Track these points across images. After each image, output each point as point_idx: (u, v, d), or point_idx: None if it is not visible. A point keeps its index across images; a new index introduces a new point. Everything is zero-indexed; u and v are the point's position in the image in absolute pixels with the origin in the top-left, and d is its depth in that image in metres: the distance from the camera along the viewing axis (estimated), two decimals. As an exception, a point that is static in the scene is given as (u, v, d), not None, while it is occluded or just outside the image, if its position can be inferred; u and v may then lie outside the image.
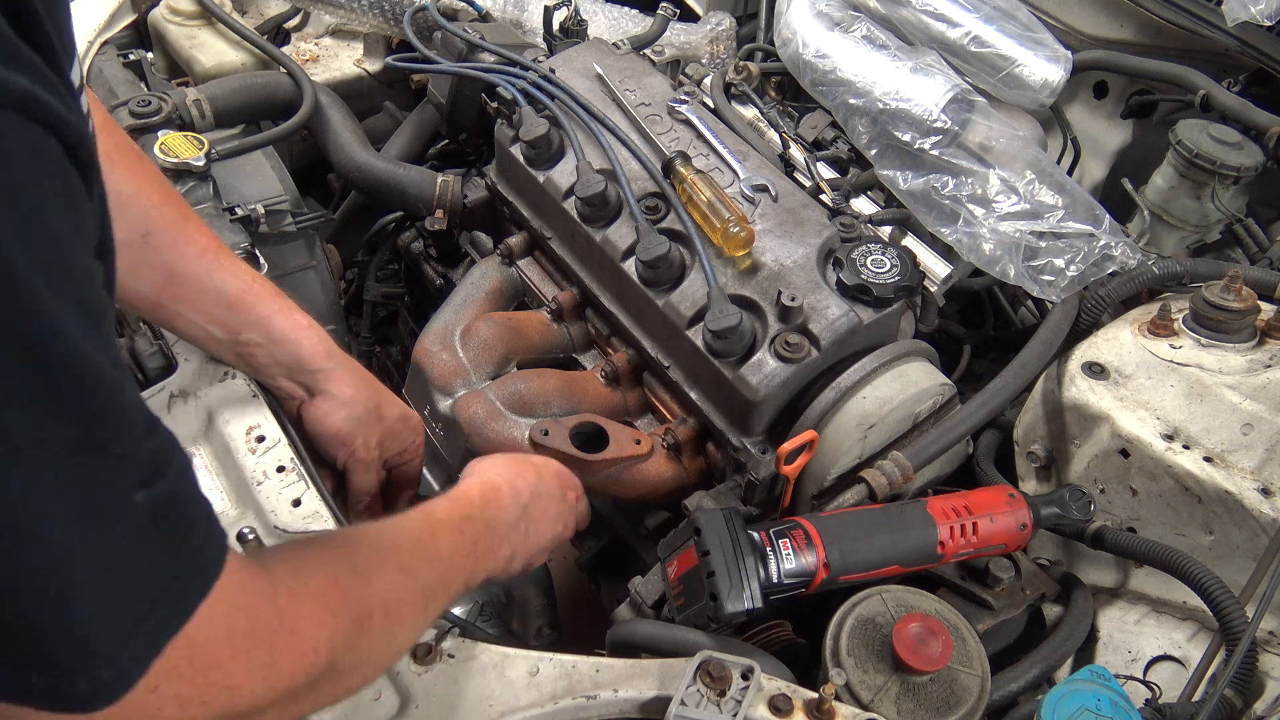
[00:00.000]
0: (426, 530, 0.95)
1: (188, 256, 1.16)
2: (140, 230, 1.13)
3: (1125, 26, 1.83)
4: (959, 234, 1.50)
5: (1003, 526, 1.22)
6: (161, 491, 0.61)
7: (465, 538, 0.99)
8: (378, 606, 0.81)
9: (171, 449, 0.64)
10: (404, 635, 0.89)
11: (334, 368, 1.24)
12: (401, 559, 0.88)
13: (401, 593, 0.86)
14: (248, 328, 1.21)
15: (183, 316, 1.20)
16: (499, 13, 2.01)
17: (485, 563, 1.03)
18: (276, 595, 0.72)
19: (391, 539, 0.90)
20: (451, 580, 0.96)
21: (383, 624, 0.82)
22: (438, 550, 0.94)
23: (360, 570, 0.82)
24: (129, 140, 1.19)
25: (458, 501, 1.04)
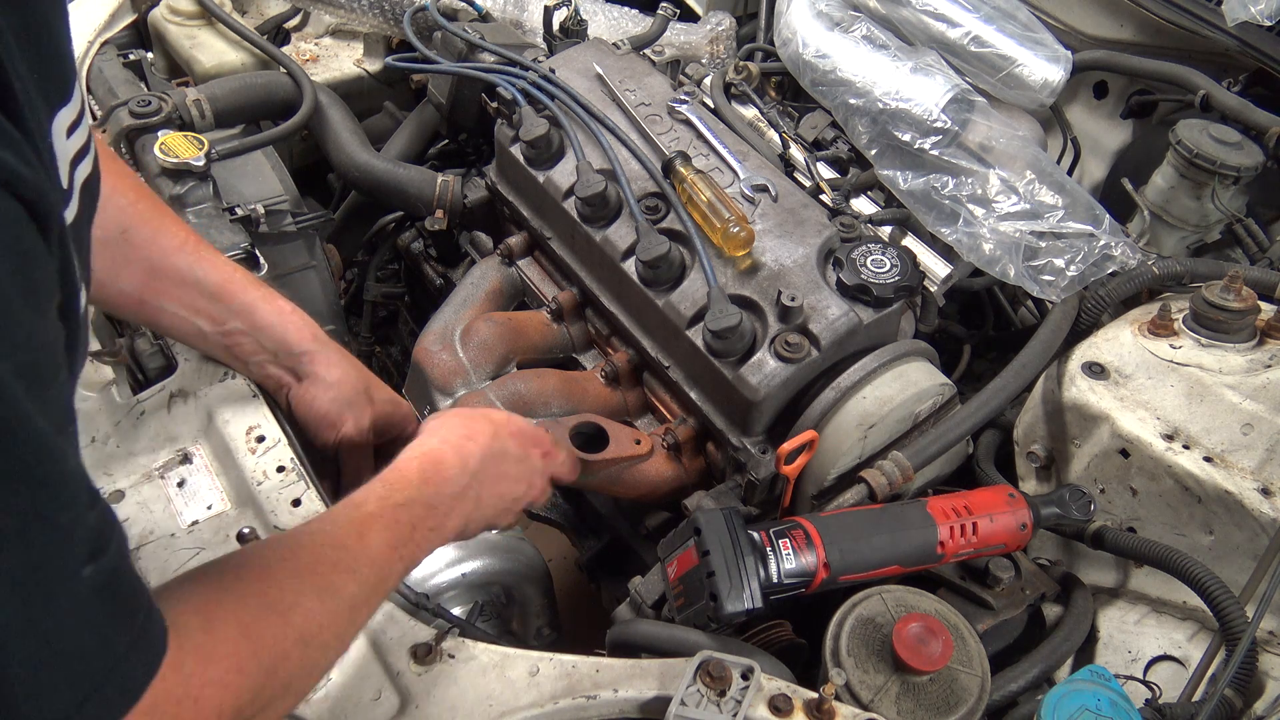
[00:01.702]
0: (354, 533, 0.89)
1: (167, 250, 1.17)
2: (118, 227, 1.13)
3: (1125, 26, 1.83)
4: (959, 234, 1.50)
5: (1003, 526, 1.22)
6: (107, 565, 0.59)
7: (400, 528, 0.93)
8: (294, 645, 0.77)
9: (113, 520, 0.61)
10: (326, 659, 0.85)
11: (320, 350, 1.24)
12: (323, 578, 0.83)
13: (322, 617, 0.81)
14: (232, 316, 1.21)
15: (166, 311, 1.20)
16: (499, 13, 2.01)
17: (429, 542, 0.98)
18: (184, 662, 0.68)
19: (312, 556, 0.85)
20: (386, 576, 0.91)
21: (299, 660, 0.78)
22: (366, 553, 0.88)
23: (275, 607, 0.77)
24: (101, 140, 1.19)
25: (392, 486, 0.98)
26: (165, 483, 1.24)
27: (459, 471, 1.04)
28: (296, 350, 1.23)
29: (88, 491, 0.59)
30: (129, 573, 0.63)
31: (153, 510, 1.22)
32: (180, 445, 1.28)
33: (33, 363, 0.54)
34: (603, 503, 1.70)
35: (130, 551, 0.64)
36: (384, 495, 0.96)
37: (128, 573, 0.63)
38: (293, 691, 0.80)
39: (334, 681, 1.07)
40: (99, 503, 0.60)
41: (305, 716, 1.04)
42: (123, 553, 0.62)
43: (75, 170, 0.68)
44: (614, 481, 1.43)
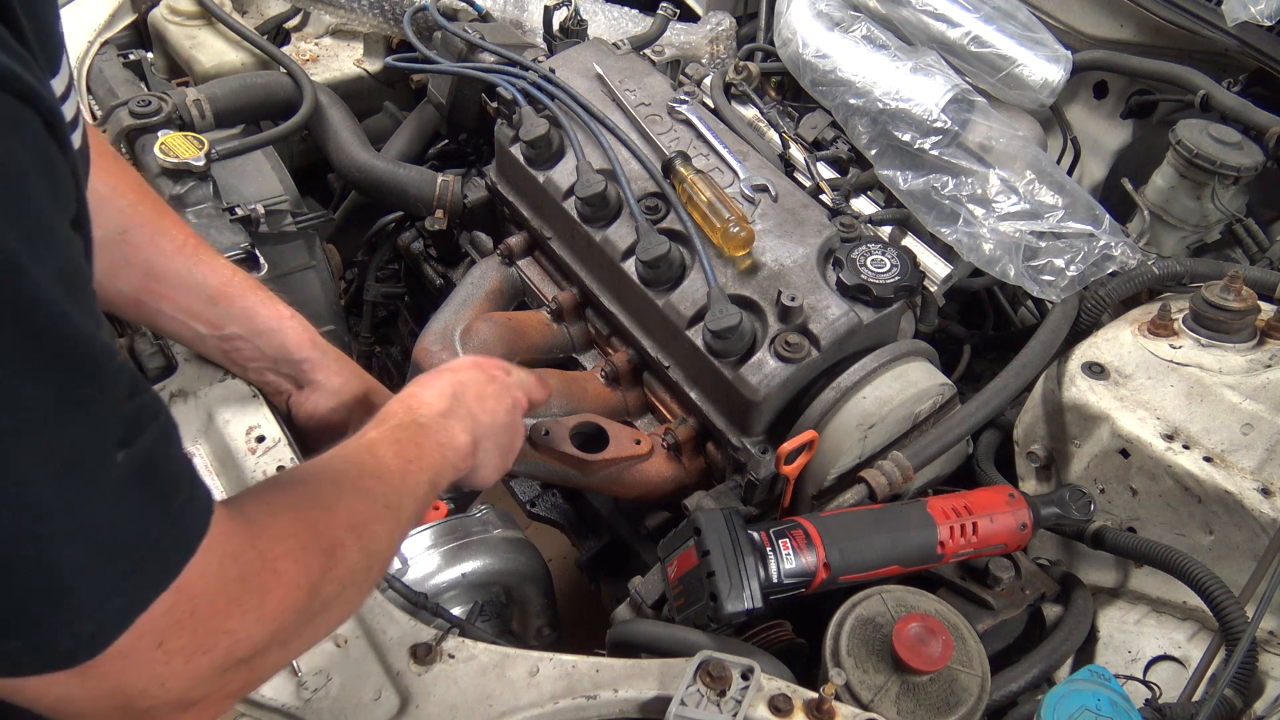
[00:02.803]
0: (365, 451, 0.96)
1: (166, 252, 1.16)
2: (117, 228, 1.13)
3: (1125, 26, 1.83)
4: (959, 234, 1.50)
5: (1003, 526, 1.22)
6: (141, 451, 0.62)
7: (405, 445, 0.99)
8: (347, 533, 0.83)
9: (154, 410, 0.65)
10: (381, 550, 0.91)
11: (320, 357, 1.24)
12: (354, 482, 0.90)
13: (365, 513, 0.87)
14: (231, 321, 1.21)
15: (164, 314, 1.19)
16: (499, 13, 2.01)
17: (440, 456, 1.03)
18: (257, 539, 0.73)
19: (338, 468, 0.91)
20: (413, 485, 0.96)
21: (356, 547, 0.83)
22: (382, 465, 0.95)
23: (322, 503, 0.84)
24: (103, 140, 1.20)
25: (381, 419, 1.04)
26: (165, 483, 1.24)
27: (436, 396, 1.09)
28: (296, 357, 1.23)
29: (128, 384, 0.62)
30: (166, 459, 0.66)
31: (153, 510, 1.21)
32: (180, 445, 1.28)
33: (70, 266, 0.58)
34: (603, 503, 1.70)
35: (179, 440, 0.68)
36: (378, 424, 1.02)
37: (165, 459, 0.66)
38: (354, 581, 0.85)
39: (334, 681, 1.07)
40: (140, 395, 0.64)
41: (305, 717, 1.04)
42: (162, 441, 0.65)
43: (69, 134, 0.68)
44: (614, 481, 1.43)
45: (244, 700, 1.05)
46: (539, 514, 1.78)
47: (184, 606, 0.65)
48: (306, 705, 1.05)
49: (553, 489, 1.79)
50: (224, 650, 0.69)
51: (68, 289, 0.57)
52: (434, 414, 1.06)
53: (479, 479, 1.15)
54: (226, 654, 0.70)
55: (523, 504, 1.79)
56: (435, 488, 1.01)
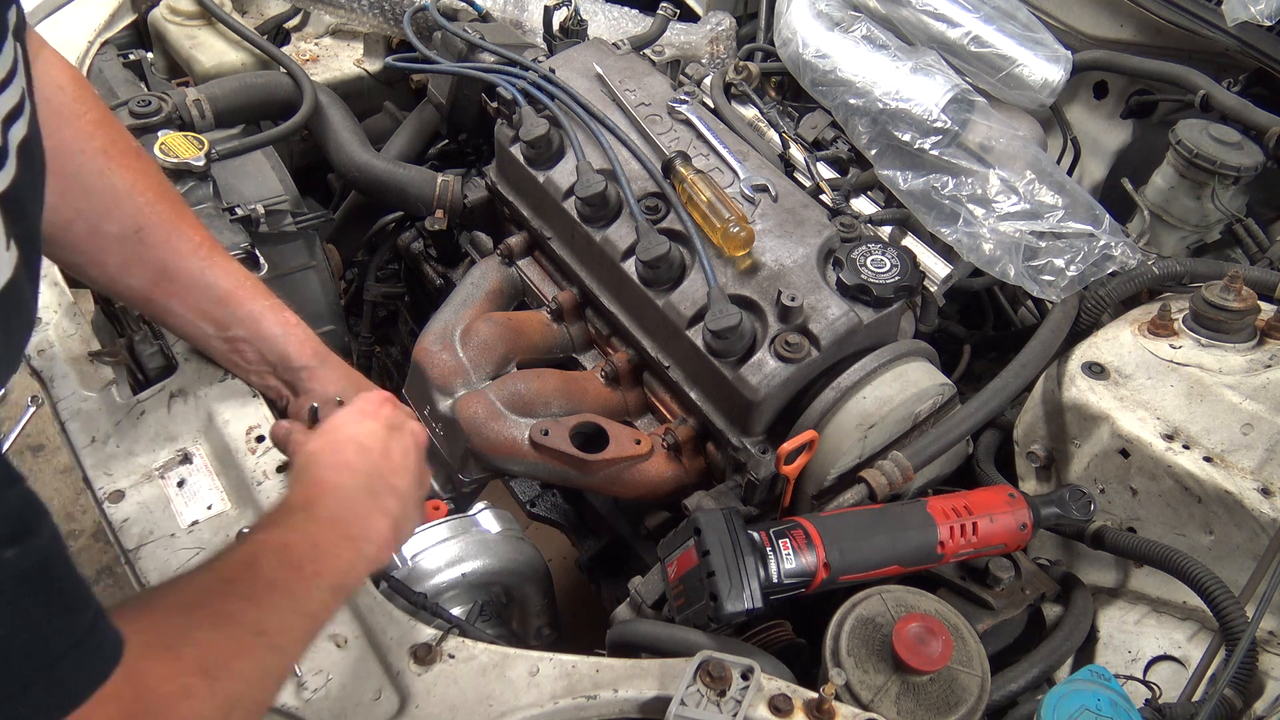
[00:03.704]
0: (242, 563, 0.85)
1: (181, 253, 1.17)
2: (133, 226, 1.14)
3: (1125, 26, 1.83)
4: (959, 234, 1.50)
5: (1003, 526, 1.22)
6: (35, 553, 0.55)
7: (295, 549, 0.88)
8: (195, 679, 0.72)
9: (40, 508, 0.58)
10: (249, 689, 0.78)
11: (319, 366, 1.24)
12: (213, 610, 0.79)
13: (223, 650, 0.76)
14: (237, 324, 1.22)
15: (173, 312, 1.20)
16: (499, 13, 2.01)
17: (351, 553, 0.93)
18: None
19: (199, 591, 0.80)
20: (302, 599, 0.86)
21: (206, 692, 0.73)
22: (259, 582, 0.83)
23: (162, 644, 0.73)
24: (129, 137, 1.19)
25: (276, 516, 0.94)
26: (165, 483, 1.25)
27: (348, 474, 0.99)
28: (296, 365, 1.23)
29: (3, 470, 0.55)
30: (66, 566, 0.59)
31: (153, 510, 1.22)
32: (180, 445, 1.28)
33: None
34: (603, 503, 1.70)
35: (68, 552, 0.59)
36: (270, 524, 0.92)
37: (64, 565, 0.59)
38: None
39: (334, 681, 1.07)
40: (19, 484, 0.57)
41: (305, 717, 1.04)
42: (59, 548, 0.58)
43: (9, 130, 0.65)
44: (614, 481, 1.44)
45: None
46: (539, 514, 1.78)
47: None
48: (306, 705, 1.05)
49: (553, 489, 1.79)
50: None
51: None
52: (343, 500, 0.96)
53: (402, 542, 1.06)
54: None
55: (523, 504, 1.79)
56: (342, 591, 0.91)
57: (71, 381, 1.35)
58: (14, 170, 0.66)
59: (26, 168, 0.68)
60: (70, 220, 1.11)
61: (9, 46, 0.66)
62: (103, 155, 1.12)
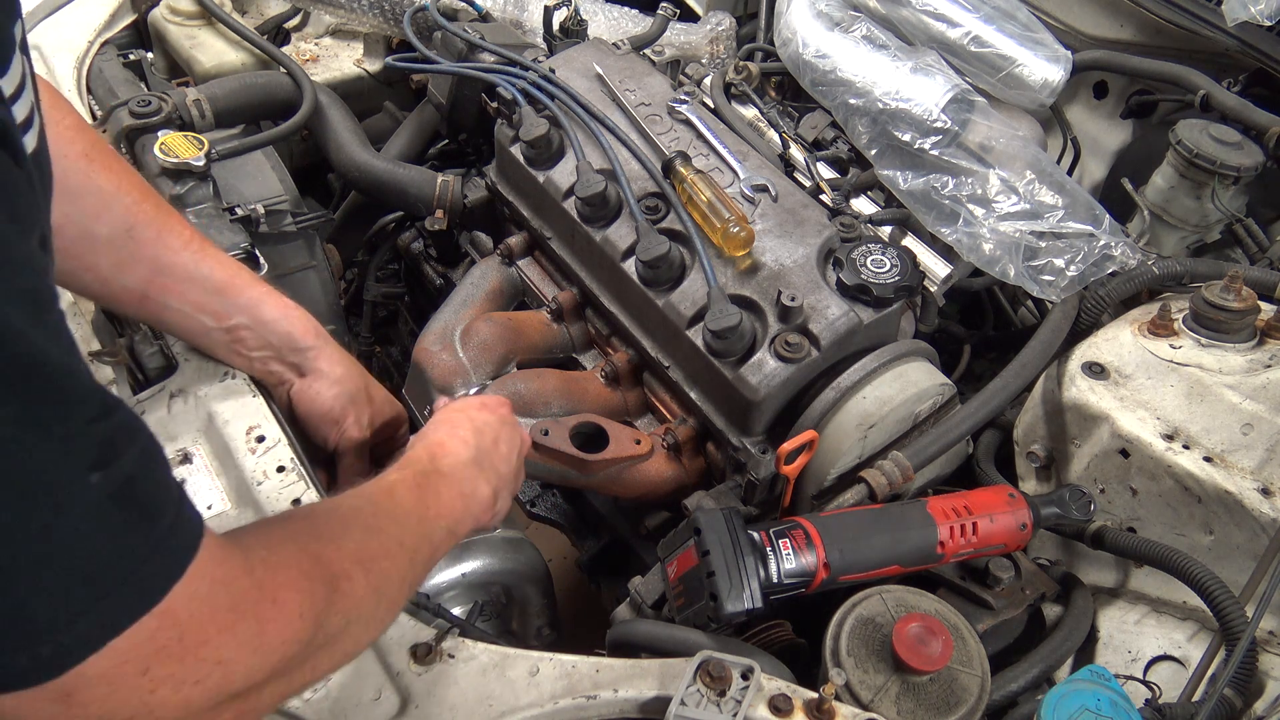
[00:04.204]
0: (383, 492, 0.96)
1: (173, 248, 1.18)
2: (124, 225, 1.14)
3: (1125, 26, 1.83)
4: (959, 234, 1.50)
5: (1003, 526, 1.22)
6: (119, 473, 0.60)
7: (426, 492, 1.00)
8: (353, 566, 0.82)
9: (132, 431, 0.63)
10: (391, 589, 0.89)
11: (324, 346, 1.27)
12: (365, 520, 0.89)
13: (374, 550, 0.87)
14: (238, 311, 1.23)
15: (170, 307, 1.21)
16: (499, 13, 2.01)
17: (462, 506, 1.04)
18: (252, 568, 0.72)
19: (350, 506, 0.91)
20: (429, 531, 0.97)
21: (363, 582, 0.82)
22: (399, 507, 0.95)
23: (327, 536, 0.83)
24: (103, 140, 1.20)
25: (406, 464, 1.05)
26: (165, 483, 1.24)
27: (460, 444, 1.11)
28: (301, 345, 1.25)
29: (99, 404, 0.61)
30: (148, 481, 0.64)
31: (153, 510, 1.21)
32: (180, 445, 1.28)
33: (32, 288, 0.57)
34: (603, 503, 1.70)
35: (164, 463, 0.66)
36: (400, 468, 1.02)
37: (147, 481, 0.64)
38: (363, 616, 0.83)
39: (334, 681, 1.07)
40: (114, 415, 0.62)
41: (305, 717, 1.04)
42: (144, 463, 0.63)
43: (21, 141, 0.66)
44: (614, 481, 1.43)
45: (244, 700, 1.05)
46: (539, 514, 1.78)
47: (169, 633, 0.63)
48: (306, 705, 1.05)
49: (553, 489, 1.79)
50: (216, 681, 0.67)
51: (31, 310, 0.55)
52: (458, 463, 1.08)
53: (490, 524, 1.16)
54: (219, 685, 0.67)
55: (523, 504, 1.79)
56: (454, 536, 1.02)
57: (71, 381, 1.35)
58: None
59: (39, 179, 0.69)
60: (61, 226, 1.10)
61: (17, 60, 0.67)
62: (85, 159, 1.13)
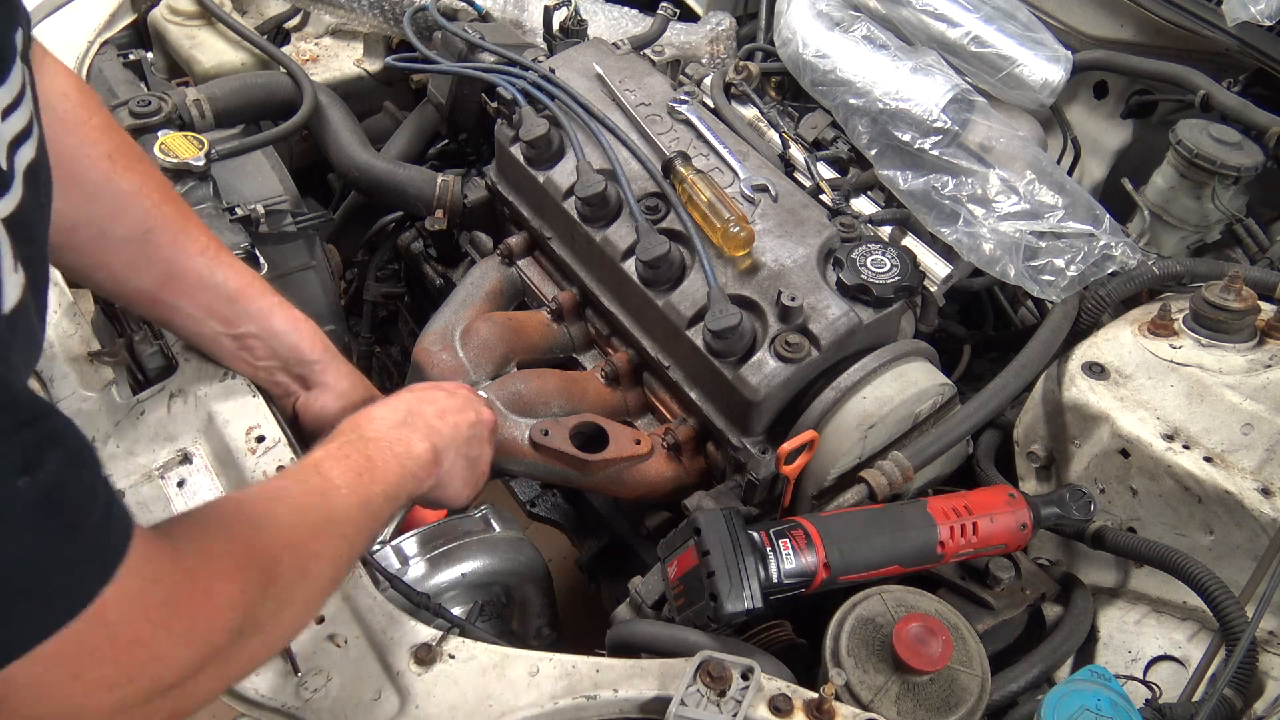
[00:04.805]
0: (309, 469, 0.96)
1: (189, 253, 1.19)
2: (141, 228, 1.15)
3: (1125, 26, 1.83)
4: (959, 234, 1.50)
5: (1003, 526, 1.22)
6: (46, 478, 0.60)
7: (353, 458, 0.99)
8: (282, 550, 0.82)
9: (59, 435, 0.63)
10: (324, 569, 0.89)
11: (330, 360, 1.27)
12: (292, 500, 0.89)
13: (302, 531, 0.87)
14: (248, 320, 1.24)
15: (181, 311, 1.22)
16: (499, 13, 2.01)
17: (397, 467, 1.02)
18: (183, 560, 0.72)
19: (277, 487, 0.92)
20: (363, 499, 0.96)
21: (294, 565, 0.83)
22: (327, 481, 0.94)
23: (255, 521, 0.83)
24: (131, 142, 1.20)
25: (332, 437, 1.04)
26: (165, 483, 1.24)
27: (389, 411, 1.10)
28: (308, 359, 1.26)
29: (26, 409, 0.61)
30: (75, 484, 0.63)
31: (153, 510, 1.22)
32: (180, 445, 1.28)
33: None
34: (603, 503, 1.70)
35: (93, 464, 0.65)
36: (327, 442, 1.02)
37: (73, 484, 0.63)
38: (296, 599, 0.84)
39: (334, 681, 1.07)
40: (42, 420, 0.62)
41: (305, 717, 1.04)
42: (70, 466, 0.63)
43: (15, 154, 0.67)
44: (614, 481, 1.43)
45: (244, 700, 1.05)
46: (539, 514, 1.78)
47: (99, 635, 0.63)
48: (306, 705, 1.05)
49: (553, 489, 1.79)
50: (149, 678, 0.67)
51: None
52: (385, 427, 1.07)
53: (448, 495, 1.14)
54: (153, 681, 0.68)
55: (523, 504, 1.79)
56: (394, 500, 1.01)
57: (71, 381, 1.35)
58: (20, 194, 0.67)
59: (33, 191, 0.69)
60: (76, 225, 1.12)
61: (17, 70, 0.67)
62: (108, 160, 1.13)
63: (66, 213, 1.10)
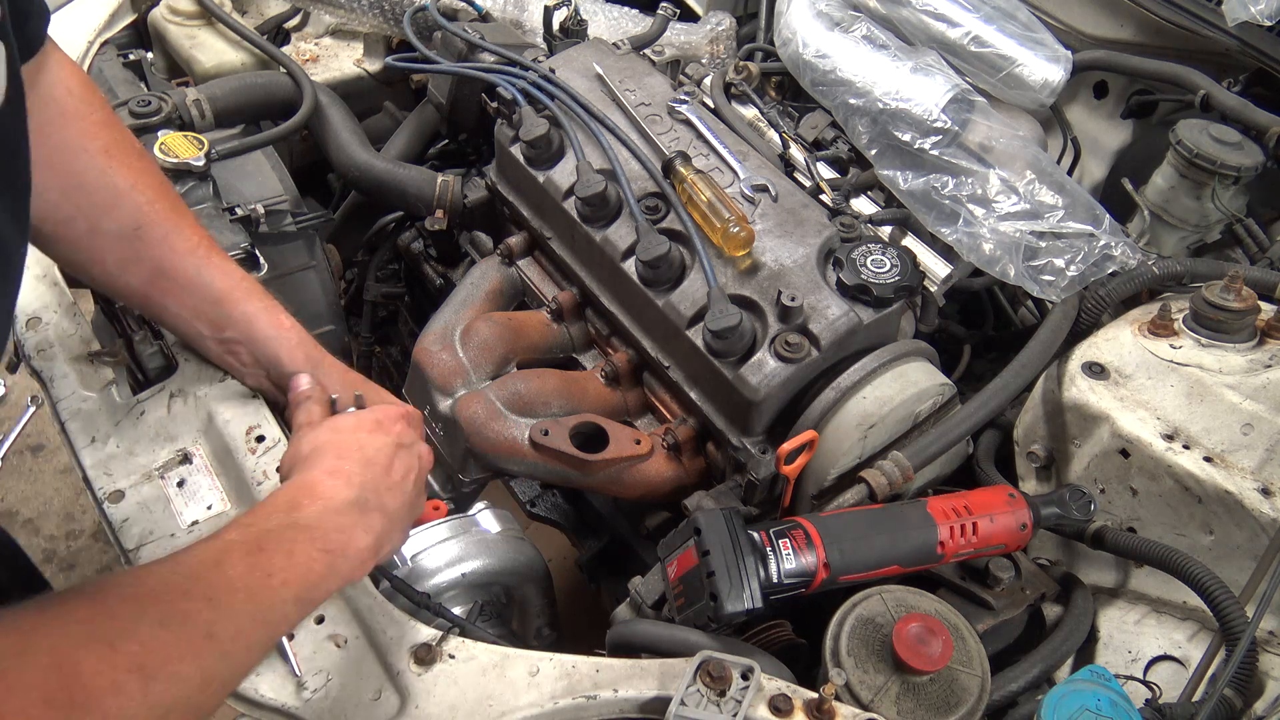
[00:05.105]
0: (209, 561, 0.83)
1: (178, 252, 1.18)
2: (132, 224, 1.14)
3: (1125, 26, 1.83)
4: (959, 234, 1.50)
5: (1003, 526, 1.22)
6: None
7: (269, 553, 0.86)
8: (128, 675, 0.71)
9: None
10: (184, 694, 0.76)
11: (312, 371, 1.21)
12: (168, 606, 0.78)
13: (166, 650, 0.75)
14: (231, 325, 1.22)
15: (169, 310, 1.21)
16: (499, 13, 2.01)
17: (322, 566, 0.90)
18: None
19: (157, 584, 0.79)
20: (266, 608, 0.84)
21: (139, 693, 0.72)
22: (225, 581, 0.82)
23: (103, 636, 0.72)
24: (131, 138, 1.19)
25: (255, 515, 0.91)
26: (165, 483, 1.25)
27: (344, 485, 0.97)
28: (288, 370, 1.22)
29: None
30: None
31: (153, 510, 1.22)
32: (180, 445, 1.28)
33: None
34: (603, 503, 1.70)
35: None
36: (247, 524, 0.90)
37: None
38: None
39: (334, 681, 1.07)
40: None
41: (305, 717, 1.04)
42: None
43: None
44: (614, 481, 1.44)
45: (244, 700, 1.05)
46: (539, 514, 1.79)
47: None
48: (306, 705, 1.05)
49: (553, 489, 1.79)
50: None
51: None
52: (328, 509, 0.94)
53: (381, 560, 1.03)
54: None
55: (523, 504, 1.79)
56: (305, 604, 0.89)
57: (71, 381, 1.35)
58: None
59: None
60: (71, 217, 1.12)
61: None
62: (104, 155, 1.13)
63: (61, 205, 1.10)
